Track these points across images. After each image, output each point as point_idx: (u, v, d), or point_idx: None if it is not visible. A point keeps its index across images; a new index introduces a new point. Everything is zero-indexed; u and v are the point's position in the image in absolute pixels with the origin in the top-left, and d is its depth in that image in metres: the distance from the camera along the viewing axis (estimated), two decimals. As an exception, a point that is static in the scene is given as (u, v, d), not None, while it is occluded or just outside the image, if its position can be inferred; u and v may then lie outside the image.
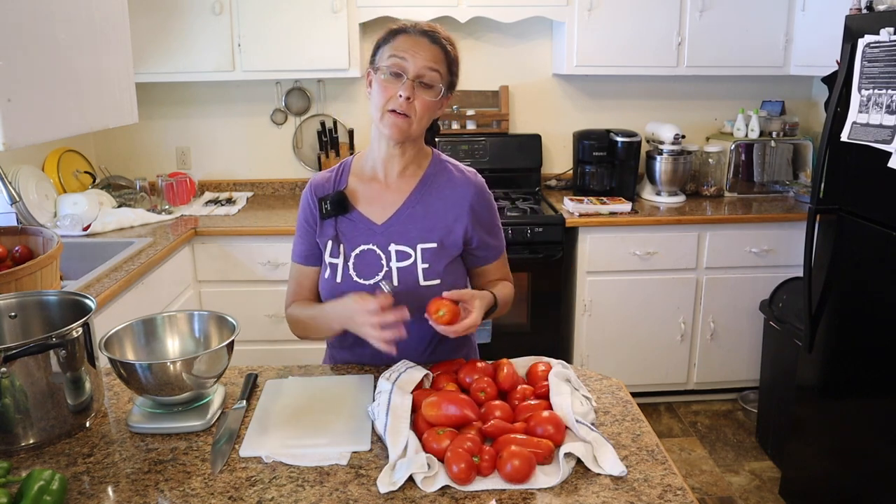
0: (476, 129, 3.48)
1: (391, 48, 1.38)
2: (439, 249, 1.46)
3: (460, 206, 1.48)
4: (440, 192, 1.48)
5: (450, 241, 1.47)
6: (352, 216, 1.48)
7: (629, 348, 3.16)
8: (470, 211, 1.48)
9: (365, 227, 1.47)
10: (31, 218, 2.63)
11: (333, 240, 1.48)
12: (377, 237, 1.46)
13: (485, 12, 3.14)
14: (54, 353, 1.17)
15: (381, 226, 1.47)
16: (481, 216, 1.50)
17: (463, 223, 1.47)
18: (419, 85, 1.36)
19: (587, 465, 1.10)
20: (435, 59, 1.37)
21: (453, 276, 1.49)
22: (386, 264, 1.45)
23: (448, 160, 1.54)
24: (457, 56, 1.44)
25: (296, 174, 3.60)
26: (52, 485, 1.01)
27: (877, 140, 2.02)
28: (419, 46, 1.36)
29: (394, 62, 1.36)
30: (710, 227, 3.06)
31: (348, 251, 1.46)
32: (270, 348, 2.92)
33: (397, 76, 1.36)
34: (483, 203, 1.51)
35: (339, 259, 1.47)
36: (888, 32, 1.97)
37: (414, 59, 1.35)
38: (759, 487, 2.71)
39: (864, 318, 2.13)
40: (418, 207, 1.47)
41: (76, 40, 2.14)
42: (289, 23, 3.04)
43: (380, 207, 1.48)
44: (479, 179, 1.53)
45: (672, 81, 3.56)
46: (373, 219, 1.47)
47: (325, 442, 1.18)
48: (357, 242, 1.46)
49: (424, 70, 1.36)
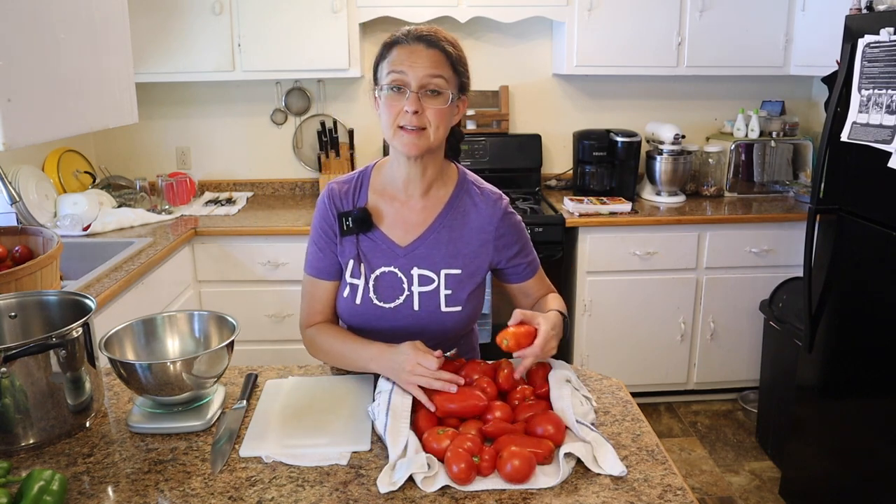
0: (476, 129, 3.48)
1: (389, 63, 1.31)
2: (463, 277, 1.42)
3: (486, 231, 1.44)
4: (465, 217, 1.44)
5: (474, 267, 1.43)
6: (373, 236, 1.42)
7: (629, 348, 3.16)
8: (495, 238, 1.44)
9: (387, 248, 1.42)
10: (31, 218, 2.63)
11: (355, 259, 1.42)
12: (400, 260, 1.42)
13: (485, 12, 3.13)
14: (54, 353, 1.17)
15: (405, 248, 1.42)
16: (507, 240, 1.46)
17: (488, 250, 1.44)
18: (425, 95, 1.29)
19: (587, 465, 1.10)
20: (436, 64, 1.30)
21: (474, 302, 1.46)
22: (408, 288, 1.41)
23: (473, 181, 1.48)
24: (461, 55, 1.35)
25: (296, 174, 3.60)
26: (52, 485, 1.00)
27: (877, 140, 2.02)
28: (416, 55, 1.29)
29: (393, 77, 1.29)
30: (710, 227, 3.06)
31: (368, 273, 1.42)
32: (270, 348, 2.92)
33: (400, 91, 1.30)
34: (509, 227, 1.46)
35: (360, 280, 1.42)
36: (888, 32, 1.97)
37: (413, 70, 1.28)
38: (759, 487, 2.71)
39: (864, 318, 2.13)
40: (443, 232, 1.42)
41: (76, 40, 2.14)
42: (289, 23, 3.04)
43: (403, 229, 1.43)
44: (504, 203, 1.47)
45: (672, 81, 3.56)
46: (396, 240, 1.42)
47: (325, 442, 1.18)
48: (378, 264, 1.42)
49: (427, 79, 1.29)
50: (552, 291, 1.55)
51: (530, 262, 1.52)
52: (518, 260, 1.49)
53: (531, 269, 1.52)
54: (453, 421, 1.20)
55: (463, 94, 1.38)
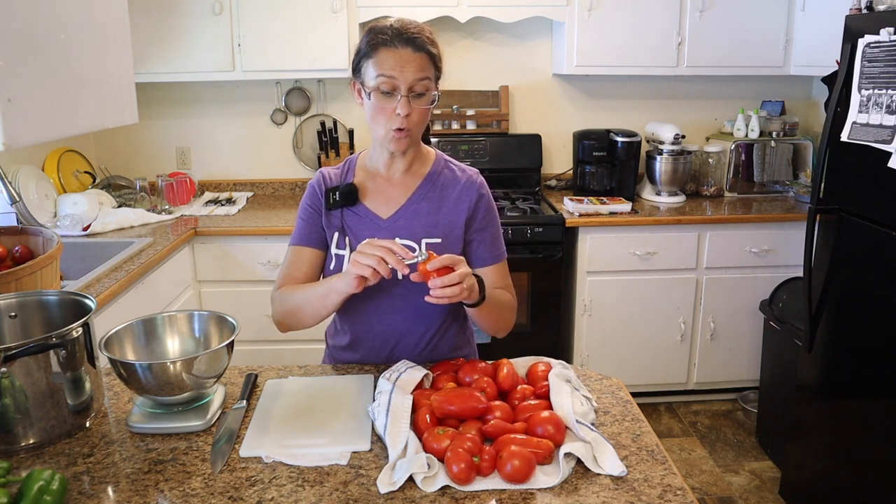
0: (476, 129, 3.48)
1: (376, 65, 1.35)
2: (444, 244, 1.47)
3: (463, 202, 1.49)
4: (444, 189, 1.50)
5: (453, 236, 1.48)
6: (357, 210, 1.49)
7: (629, 348, 3.16)
8: (471, 207, 1.49)
9: (370, 221, 1.48)
10: (31, 218, 2.63)
11: (340, 231, 1.49)
12: (382, 231, 1.47)
13: (485, 12, 3.13)
14: (54, 353, 1.17)
15: (387, 220, 1.48)
16: (480, 213, 1.50)
17: (464, 218, 1.48)
18: (413, 97, 1.35)
19: (587, 465, 1.10)
20: (423, 67, 1.35)
21: None
22: None
23: (450, 160, 1.56)
24: (439, 52, 1.41)
25: (296, 174, 3.60)
26: (52, 485, 1.01)
27: (877, 140, 2.02)
28: (405, 60, 1.33)
29: (383, 81, 1.34)
30: (710, 227, 3.06)
31: (354, 243, 1.47)
32: (270, 348, 2.92)
33: (390, 95, 1.35)
34: (483, 201, 1.51)
35: (346, 251, 1.48)
36: (888, 32, 1.97)
37: (403, 75, 1.33)
38: (759, 487, 2.71)
39: (864, 318, 2.13)
40: (423, 203, 1.49)
41: (76, 40, 2.14)
42: (289, 23, 3.04)
43: (385, 203, 1.49)
44: (482, 179, 1.54)
45: (672, 81, 3.56)
46: (378, 213, 1.49)
47: (325, 442, 1.18)
48: (363, 236, 1.47)
49: (415, 82, 1.34)
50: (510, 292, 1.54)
51: (494, 247, 1.52)
52: (485, 236, 1.50)
53: (494, 254, 1.52)
54: (453, 421, 1.20)
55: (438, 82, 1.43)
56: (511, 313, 1.53)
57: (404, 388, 1.27)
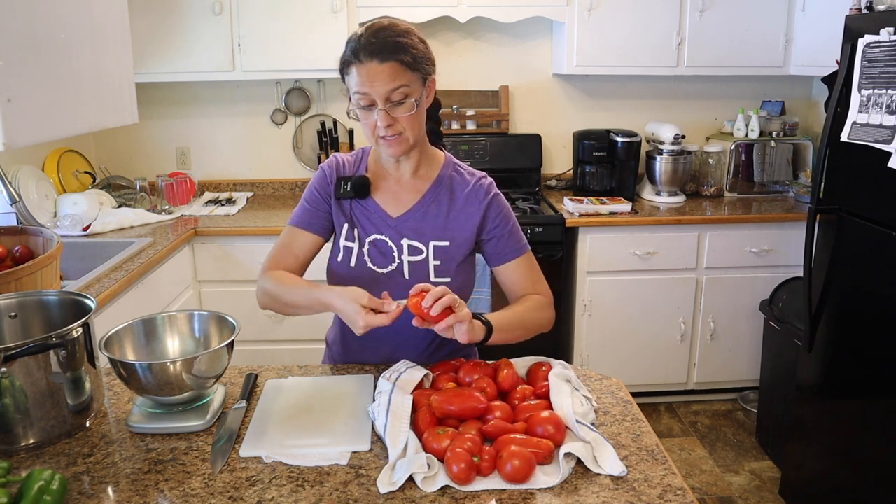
0: (476, 129, 3.48)
1: (350, 82, 1.35)
2: (451, 248, 1.46)
3: (472, 207, 1.48)
4: (453, 193, 1.50)
5: (461, 239, 1.48)
6: (367, 204, 1.48)
7: (629, 348, 3.16)
8: (481, 212, 1.48)
9: (379, 217, 1.48)
10: (31, 218, 2.63)
11: (349, 223, 1.48)
12: (390, 230, 1.47)
13: (485, 12, 3.13)
14: (54, 353, 1.17)
15: (396, 219, 1.48)
16: (491, 215, 1.49)
17: (472, 223, 1.48)
18: (393, 105, 1.34)
19: (587, 465, 1.10)
20: (394, 76, 1.31)
21: (464, 276, 1.49)
22: (398, 257, 1.46)
23: (459, 164, 1.55)
24: (416, 50, 1.35)
25: (296, 174, 3.60)
26: (52, 485, 1.01)
27: (877, 140, 2.02)
28: (372, 74, 1.31)
29: (359, 97, 1.34)
30: (710, 227, 3.06)
31: (363, 237, 1.47)
32: (270, 348, 2.92)
33: (370, 108, 1.35)
34: (493, 205, 1.50)
35: (355, 244, 1.47)
36: (888, 32, 1.97)
37: (374, 89, 1.32)
38: (759, 487, 2.71)
39: (864, 318, 2.13)
40: (432, 207, 1.48)
41: (76, 40, 2.14)
42: (289, 23, 3.04)
43: (394, 202, 1.49)
44: (490, 181, 1.53)
45: (672, 81, 3.56)
46: (388, 211, 1.48)
47: (325, 442, 1.18)
48: (371, 231, 1.47)
49: (389, 93, 1.32)
50: (542, 293, 1.53)
51: (514, 241, 1.51)
52: (502, 232, 1.50)
53: (514, 248, 1.51)
54: (453, 421, 1.20)
55: (428, 79, 1.40)
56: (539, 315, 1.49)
57: (404, 388, 1.27)
